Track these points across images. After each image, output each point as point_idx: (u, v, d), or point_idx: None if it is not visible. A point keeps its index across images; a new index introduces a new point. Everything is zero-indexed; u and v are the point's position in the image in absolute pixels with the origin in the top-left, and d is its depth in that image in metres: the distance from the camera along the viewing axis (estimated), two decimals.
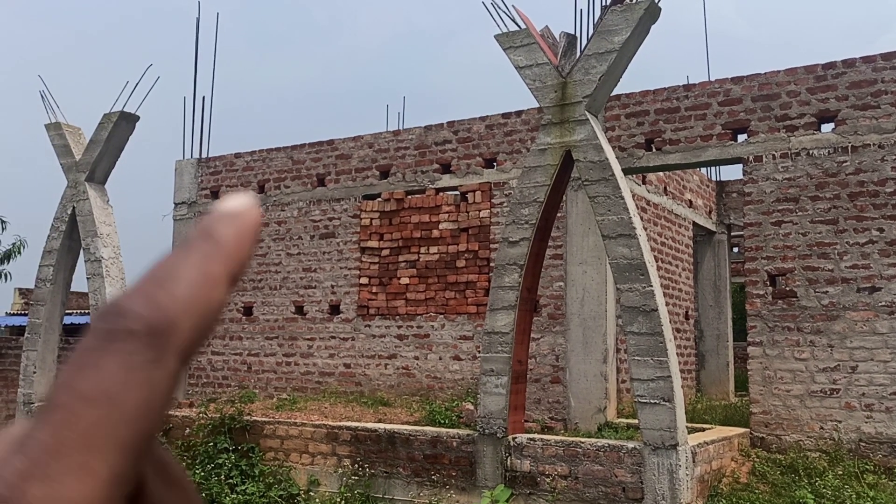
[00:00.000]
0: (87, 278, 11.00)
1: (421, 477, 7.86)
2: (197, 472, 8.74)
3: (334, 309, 11.75)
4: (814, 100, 8.64)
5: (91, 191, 11.13)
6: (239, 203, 0.29)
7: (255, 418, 9.19)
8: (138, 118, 11.15)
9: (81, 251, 11.29)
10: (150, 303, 0.26)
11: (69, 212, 11.27)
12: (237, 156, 13.11)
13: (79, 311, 18.90)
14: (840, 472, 7.53)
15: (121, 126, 11.03)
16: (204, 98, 17.24)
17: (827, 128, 8.61)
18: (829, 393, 8.20)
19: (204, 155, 13.49)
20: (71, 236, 11.40)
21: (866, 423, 7.98)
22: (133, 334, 0.25)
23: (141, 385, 0.24)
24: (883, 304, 8.03)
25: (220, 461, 8.79)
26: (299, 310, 12.07)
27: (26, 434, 0.24)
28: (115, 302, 0.25)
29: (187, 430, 9.37)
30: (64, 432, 0.23)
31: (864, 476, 7.48)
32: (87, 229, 11.06)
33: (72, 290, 12.58)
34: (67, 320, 15.65)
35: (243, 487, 8.48)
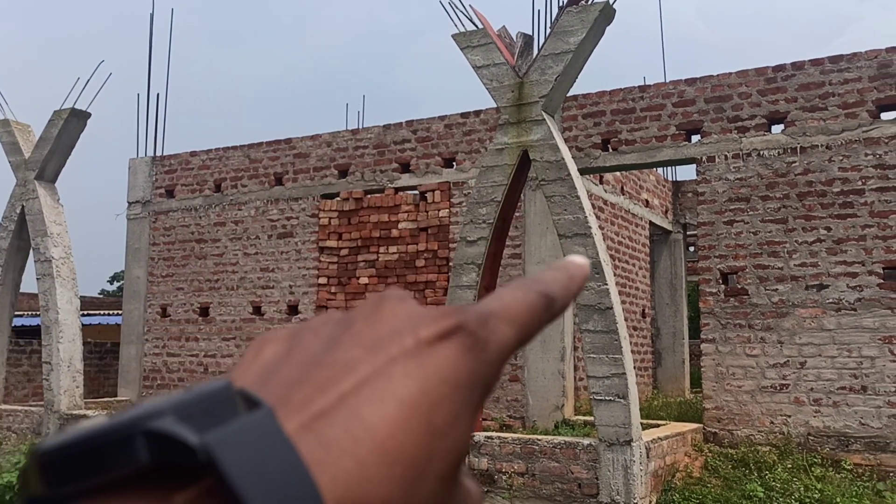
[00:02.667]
0: (37, 279, 10.75)
1: None
2: None
3: (293, 309, 11.66)
4: (764, 101, 8.84)
5: (41, 189, 10.87)
6: (580, 259, 0.37)
7: None
8: (90, 115, 10.93)
9: (31, 251, 11.02)
10: (547, 284, 0.34)
11: (18, 211, 11.00)
12: (193, 154, 12.93)
13: (29, 313, 18.45)
14: (789, 466, 7.71)
15: (72, 123, 10.80)
16: (158, 95, 16.97)
17: (777, 129, 8.81)
18: (778, 388, 8.39)
19: (159, 153, 13.27)
20: (20, 236, 11.13)
21: (814, 417, 8.19)
22: (541, 293, 0.33)
23: (540, 316, 0.32)
24: (830, 301, 8.24)
25: None
26: (257, 310, 11.95)
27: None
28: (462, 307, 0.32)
29: None
30: (511, 307, 0.32)
31: (813, 469, 7.68)
32: (36, 229, 10.80)
33: (22, 290, 12.29)
34: (17, 322, 15.28)
35: None
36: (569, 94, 8.72)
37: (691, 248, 15.82)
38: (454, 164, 10.80)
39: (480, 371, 0.30)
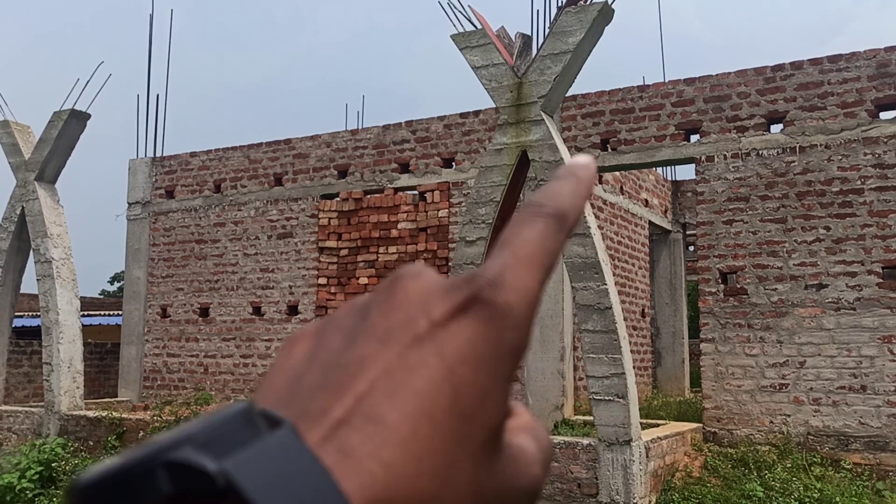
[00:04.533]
0: (38, 279, 10.76)
1: None
2: None
3: (292, 309, 11.66)
4: (763, 101, 8.84)
5: (41, 190, 10.88)
6: (584, 158, 0.37)
7: None
8: (89, 116, 10.93)
9: (31, 252, 11.03)
10: (553, 199, 0.34)
11: (18, 212, 11.01)
12: (192, 155, 12.94)
13: (29, 313, 18.46)
14: (789, 465, 7.72)
15: (71, 124, 10.80)
16: (158, 96, 16.98)
17: (776, 128, 8.81)
18: (778, 388, 8.40)
19: (158, 154, 13.28)
20: (20, 237, 11.14)
21: (814, 416, 8.19)
22: (549, 214, 0.33)
23: (556, 242, 0.33)
24: (829, 300, 8.25)
25: None
26: (257, 310, 11.96)
27: (505, 241, 0.32)
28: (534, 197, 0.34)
29: (141, 434, 9.23)
30: (521, 251, 0.31)
31: (812, 468, 7.68)
32: (36, 230, 10.81)
33: (22, 291, 12.29)
34: (18, 322, 15.28)
35: None
36: (568, 94, 8.72)
37: (691, 248, 15.82)
38: (453, 164, 10.80)
39: (506, 338, 0.29)
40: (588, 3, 7.33)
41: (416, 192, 11.01)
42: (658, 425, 8.50)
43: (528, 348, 0.30)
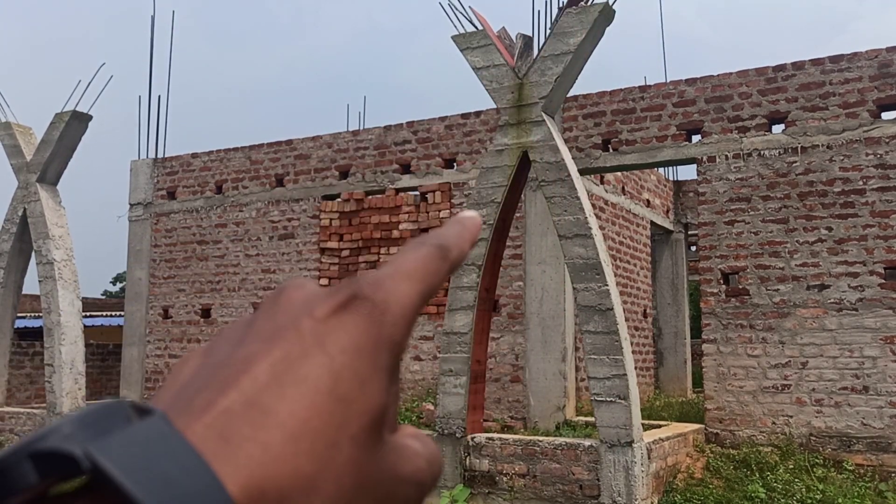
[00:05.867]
0: (39, 281, 10.77)
1: None
2: None
3: None
4: (765, 101, 8.82)
5: (42, 192, 10.89)
6: (470, 212, 0.39)
7: None
8: (91, 118, 10.94)
9: (33, 253, 11.04)
10: (438, 236, 0.36)
11: (20, 213, 11.02)
12: (194, 156, 12.94)
13: (31, 314, 18.48)
14: (791, 466, 7.70)
15: (73, 126, 10.82)
16: (160, 97, 17.01)
17: (777, 129, 8.80)
18: (780, 388, 8.38)
19: (160, 155, 13.29)
20: (22, 238, 11.15)
21: (816, 417, 8.18)
22: (432, 244, 0.35)
23: (436, 267, 0.34)
24: (832, 301, 8.23)
25: None
26: None
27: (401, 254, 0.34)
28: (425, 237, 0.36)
29: None
30: (402, 267, 0.33)
31: (814, 469, 7.67)
32: (38, 231, 10.82)
33: (24, 292, 12.31)
34: (20, 323, 15.30)
35: None
36: (569, 95, 8.71)
37: (693, 248, 15.80)
38: (455, 164, 10.80)
39: (384, 332, 0.31)
40: (589, 3, 7.32)
41: (417, 192, 11.01)
42: (660, 426, 8.49)
43: (405, 347, 0.33)
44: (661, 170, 13.71)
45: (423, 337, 10.63)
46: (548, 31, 8.53)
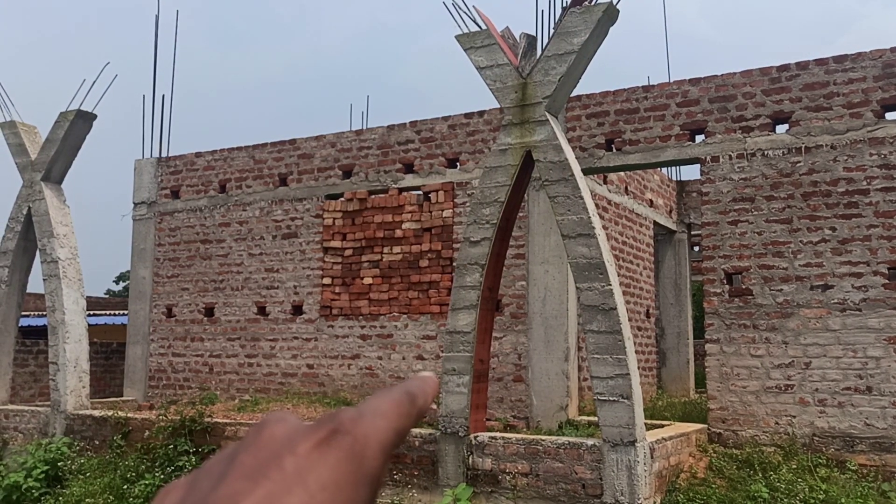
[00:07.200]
0: (44, 279, 10.80)
1: None
2: (157, 475, 8.63)
3: (297, 309, 11.68)
4: (768, 101, 8.82)
5: (47, 190, 10.92)
6: (429, 373, 0.42)
7: (216, 420, 9.11)
8: (95, 117, 10.97)
9: (37, 252, 11.07)
10: (405, 386, 0.38)
11: (25, 212, 11.05)
12: (198, 155, 12.97)
13: (36, 313, 18.52)
14: (794, 466, 7.70)
15: (77, 125, 10.84)
16: (164, 96, 17.04)
17: (781, 129, 8.79)
18: (783, 389, 8.38)
19: (164, 154, 13.32)
20: (27, 237, 11.18)
21: (819, 417, 8.17)
22: (403, 391, 0.37)
23: (407, 410, 0.36)
24: (835, 301, 8.23)
25: (180, 464, 8.69)
26: (262, 310, 11.98)
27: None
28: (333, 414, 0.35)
29: (147, 433, 9.25)
30: (378, 408, 0.34)
31: (817, 470, 7.66)
32: (43, 230, 10.85)
33: (28, 291, 12.34)
34: (24, 322, 15.34)
35: None
36: (572, 95, 8.71)
37: (696, 248, 15.79)
38: (458, 164, 10.81)
39: (364, 467, 0.32)
40: (593, 3, 7.32)
41: (420, 192, 11.02)
42: (663, 426, 8.49)
43: (383, 482, 0.34)
44: (664, 170, 13.70)
45: (426, 336, 10.65)
46: (551, 31, 8.54)
